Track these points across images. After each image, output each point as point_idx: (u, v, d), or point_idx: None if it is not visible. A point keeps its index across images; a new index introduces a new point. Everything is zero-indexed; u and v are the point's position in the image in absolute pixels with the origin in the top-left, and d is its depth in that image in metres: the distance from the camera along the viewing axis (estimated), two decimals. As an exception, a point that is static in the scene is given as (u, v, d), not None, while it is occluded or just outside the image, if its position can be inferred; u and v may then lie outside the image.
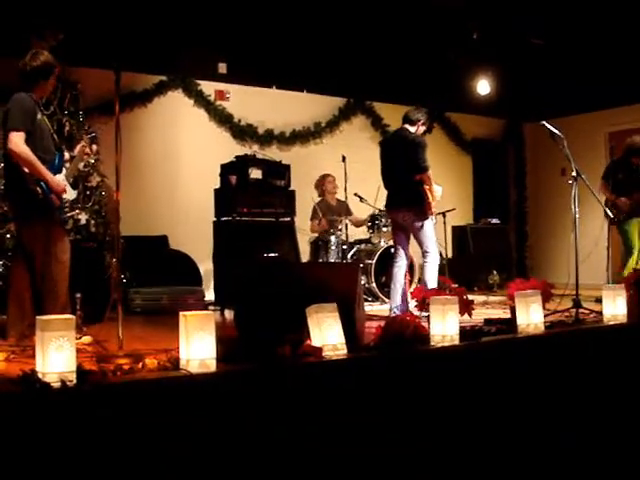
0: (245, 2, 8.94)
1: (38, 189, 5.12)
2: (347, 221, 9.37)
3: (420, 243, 6.81)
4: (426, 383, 4.31)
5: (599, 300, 6.27)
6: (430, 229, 6.81)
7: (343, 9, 9.39)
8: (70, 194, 5.49)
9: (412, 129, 7.15)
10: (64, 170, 5.44)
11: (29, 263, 5.31)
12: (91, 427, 3.12)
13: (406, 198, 6.82)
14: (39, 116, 5.29)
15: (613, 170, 8.74)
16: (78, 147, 5.77)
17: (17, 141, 5.03)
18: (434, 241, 6.84)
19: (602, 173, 8.73)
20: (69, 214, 5.51)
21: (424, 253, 6.79)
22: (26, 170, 5.09)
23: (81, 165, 5.98)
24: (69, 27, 7.67)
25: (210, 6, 8.86)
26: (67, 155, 5.60)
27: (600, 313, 6.03)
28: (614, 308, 5.94)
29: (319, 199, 9.66)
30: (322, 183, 9.71)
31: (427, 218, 6.75)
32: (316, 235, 9.52)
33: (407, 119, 7.20)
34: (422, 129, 7.29)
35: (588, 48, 10.54)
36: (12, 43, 5.80)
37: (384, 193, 7.14)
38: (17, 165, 5.10)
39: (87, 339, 5.00)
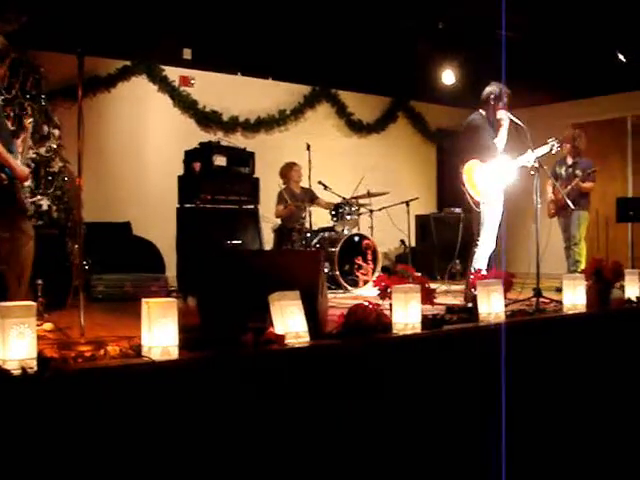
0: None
1: (2, 175, 5.06)
2: (314, 206, 9.39)
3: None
4: (388, 371, 4.34)
5: (560, 289, 6.35)
6: (485, 215, 6.66)
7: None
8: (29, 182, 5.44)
9: (483, 111, 6.93)
10: (19, 156, 5.37)
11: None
12: (52, 415, 3.11)
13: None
14: None
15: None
16: (18, 142, 5.68)
17: None
18: (487, 229, 6.67)
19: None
20: (30, 200, 5.44)
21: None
22: None
23: (29, 155, 5.90)
24: (32, 10, 7.57)
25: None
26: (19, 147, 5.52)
27: (560, 302, 6.10)
28: (574, 297, 6.02)
29: (284, 186, 9.65)
30: (288, 171, 9.68)
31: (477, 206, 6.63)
32: (280, 223, 9.53)
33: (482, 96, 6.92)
34: (500, 106, 6.85)
35: (553, 39, 10.61)
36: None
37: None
38: None
39: (48, 326, 4.97)
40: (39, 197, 7.64)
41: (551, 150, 6.72)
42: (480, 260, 6.54)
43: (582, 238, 8.94)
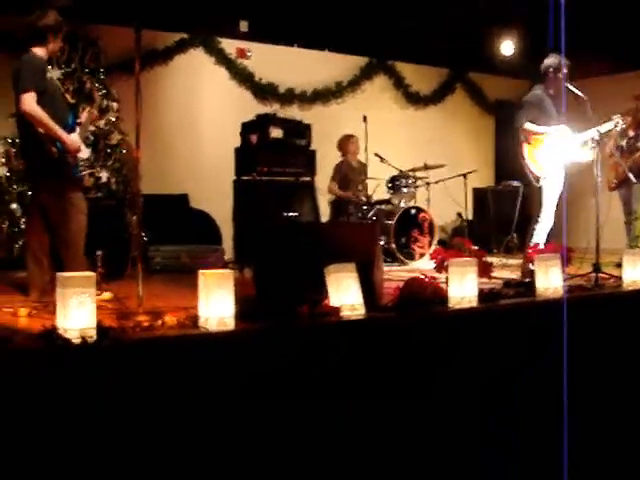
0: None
1: (53, 149, 5.13)
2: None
3: None
4: (444, 345, 4.32)
5: (620, 265, 6.24)
6: (545, 190, 6.58)
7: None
8: (84, 153, 5.51)
9: (542, 85, 6.80)
10: (77, 129, 5.44)
11: (46, 221, 5.35)
12: (111, 384, 3.16)
13: None
14: (50, 74, 5.29)
15: None
16: (84, 114, 5.75)
17: (29, 101, 5.03)
18: (547, 204, 6.60)
19: None
20: (84, 172, 5.52)
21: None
22: (41, 130, 5.10)
23: (90, 128, 5.99)
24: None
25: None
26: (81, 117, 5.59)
27: (620, 278, 6.00)
28: (634, 273, 5.90)
29: (341, 159, 9.61)
30: (345, 144, 9.62)
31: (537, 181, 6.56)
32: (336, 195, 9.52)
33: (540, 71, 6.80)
34: (559, 78, 6.69)
35: (614, 6, 10.36)
36: (33, 1, 5.76)
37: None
38: (31, 125, 5.11)
39: (107, 295, 5.04)
40: (98, 169, 7.76)
41: (616, 127, 6.58)
42: (540, 235, 6.45)
43: None
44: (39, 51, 5.27)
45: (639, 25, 10.35)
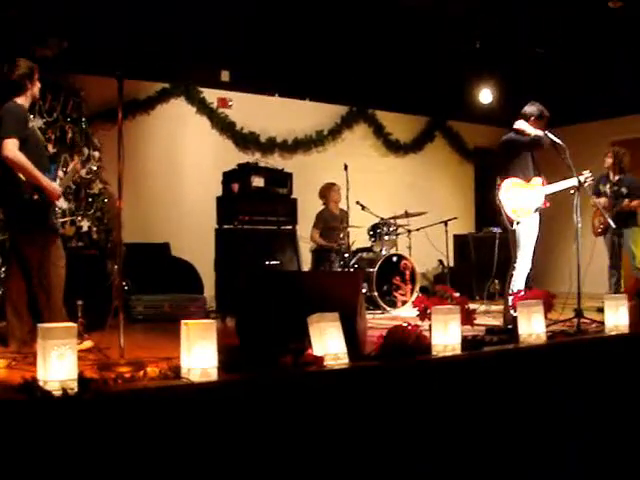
0: (249, 11, 8.95)
1: (35, 196, 5.11)
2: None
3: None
4: (428, 393, 4.30)
5: (601, 310, 6.26)
6: (520, 235, 6.50)
7: (345, 18, 9.42)
8: (63, 204, 5.50)
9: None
10: (58, 179, 5.43)
11: (25, 271, 5.31)
12: (92, 435, 3.12)
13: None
14: (31, 123, 5.30)
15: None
16: (71, 164, 5.77)
17: (11, 147, 5.02)
18: (523, 249, 6.49)
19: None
20: (61, 220, 5.48)
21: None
22: (22, 177, 5.09)
23: (71, 181, 5.99)
24: (72, 35, 7.70)
25: (212, 15, 8.88)
26: (60, 172, 5.58)
27: (602, 323, 6.02)
28: (616, 318, 5.93)
29: (322, 208, 9.64)
30: (328, 192, 9.64)
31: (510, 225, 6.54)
32: (317, 244, 9.52)
33: (520, 116, 6.76)
34: (533, 127, 6.68)
35: (591, 57, 10.55)
36: (15, 52, 5.80)
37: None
38: (11, 172, 5.10)
39: (88, 344, 5.01)
40: (79, 218, 7.73)
41: (585, 182, 6.64)
42: (518, 281, 6.45)
43: None
44: (20, 99, 5.29)
45: (614, 72, 10.55)
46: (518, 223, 6.47)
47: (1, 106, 5.25)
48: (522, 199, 6.50)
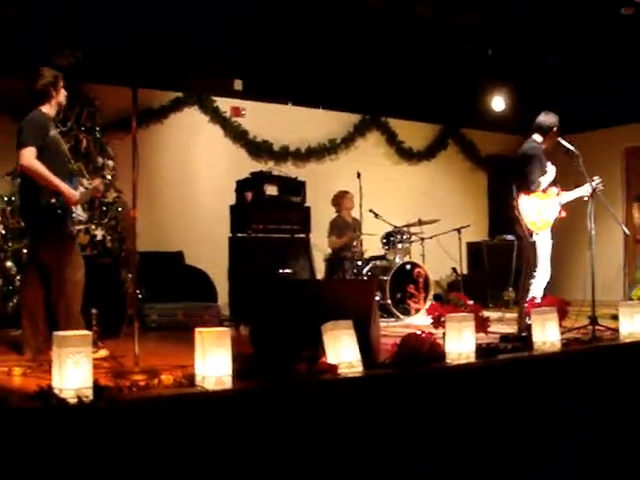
0: (260, 19, 8.98)
1: (53, 199, 5.15)
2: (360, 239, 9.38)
3: None
4: (442, 401, 4.29)
5: (616, 317, 6.23)
6: (539, 245, 6.49)
7: (358, 27, 9.43)
8: (83, 215, 5.54)
9: (539, 139, 6.72)
10: (80, 188, 5.48)
11: (44, 278, 5.34)
12: (107, 443, 3.12)
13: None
14: (52, 133, 5.34)
15: None
16: (97, 181, 5.82)
17: (28, 155, 5.09)
18: (542, 258, 6.49)
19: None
20: (78, 227, 5.50)
21: None
22: (41, 184, 5.13)
23: (89, 197, 6.03)
24: (87, 45, 7.74)
25: (226, 23, 8.91)
26: (81, 188, 5.60)
27: (617, 330, 5.99)
28: (631, 325, 5.91)
29: (335, 215, 9.65)
30: (341, 200, 9.65)
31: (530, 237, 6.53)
32: (331, 252, 9.51)
33: (536, 127, 6.73)
34: (553, 139, 6.70)
35: (604, 63, 10.52)
36: (32, 63, 5.86)
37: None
38: (32, 180, 5.15)
39: (103, 352, 5.02)
40: (93, 227, 7.77)
41: (595, 190, 6.62)
42: (537, 289, 6.43)
43: None
44: (45, 108, 5.38)
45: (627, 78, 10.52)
46: (537, 234, 6.47)
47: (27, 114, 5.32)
48: (541, 211, 6.49)
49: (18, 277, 7.18)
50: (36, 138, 5.16)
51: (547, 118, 6.70)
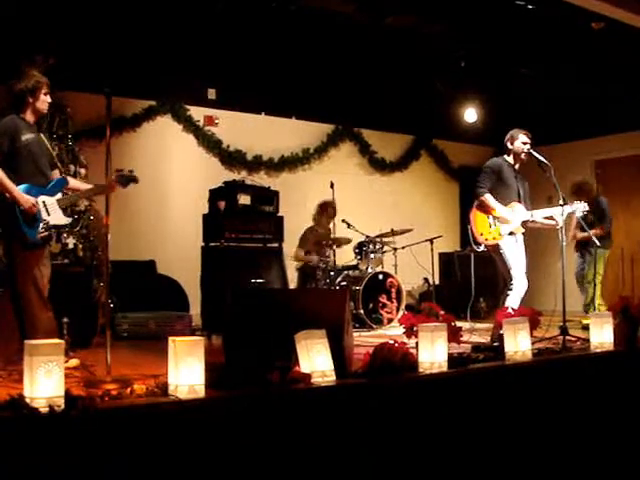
0: (234, 30, 9.00)
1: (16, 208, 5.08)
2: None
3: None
4: (415, 410, 4.31)
5: (586, 327, 6.29)
6: (505, 256, 6.63)
7: (331, 38, 9.48)
8: (62, 220, 5.44)
9: (507, 156, 6.94)
10: (59, 194, 5.37)
11: (11, 286, 5.27)
12: (80, 452, 3.10)
13: None
14: (26, 137, 5.25)
15: None
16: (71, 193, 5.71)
17: None
18: (514, 269, 6.60)
19: None
20: (42, 234, 5.36)
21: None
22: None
23: (67, 205, 5.90)
24: (60, 52, 7.69)
25: (200, 33, 8.92)
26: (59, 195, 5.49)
27: (587, 340, 6.05)
28: (601, 335, 5.96)
29: (310, 226, 9.60)
30: (325, 208, 9.55)
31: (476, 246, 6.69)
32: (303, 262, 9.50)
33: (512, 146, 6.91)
34: (517, 151, 6.85)
35: (574, 77, 10.65)
36: (3, 69, 5.82)
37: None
38: None
39: (74, 362, 4.98)
40: (65, 235, 7.70)
41: (574, 212, 6.75)
42: (513, 300, 6.48)
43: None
44: (22, 114, 5.31)
45: (597, 91, 10.64)
46: (482, 244, 6.57)
47: None
48: (492, 223, 6.60)
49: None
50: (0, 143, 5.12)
51: (507, 134, 6.83)
